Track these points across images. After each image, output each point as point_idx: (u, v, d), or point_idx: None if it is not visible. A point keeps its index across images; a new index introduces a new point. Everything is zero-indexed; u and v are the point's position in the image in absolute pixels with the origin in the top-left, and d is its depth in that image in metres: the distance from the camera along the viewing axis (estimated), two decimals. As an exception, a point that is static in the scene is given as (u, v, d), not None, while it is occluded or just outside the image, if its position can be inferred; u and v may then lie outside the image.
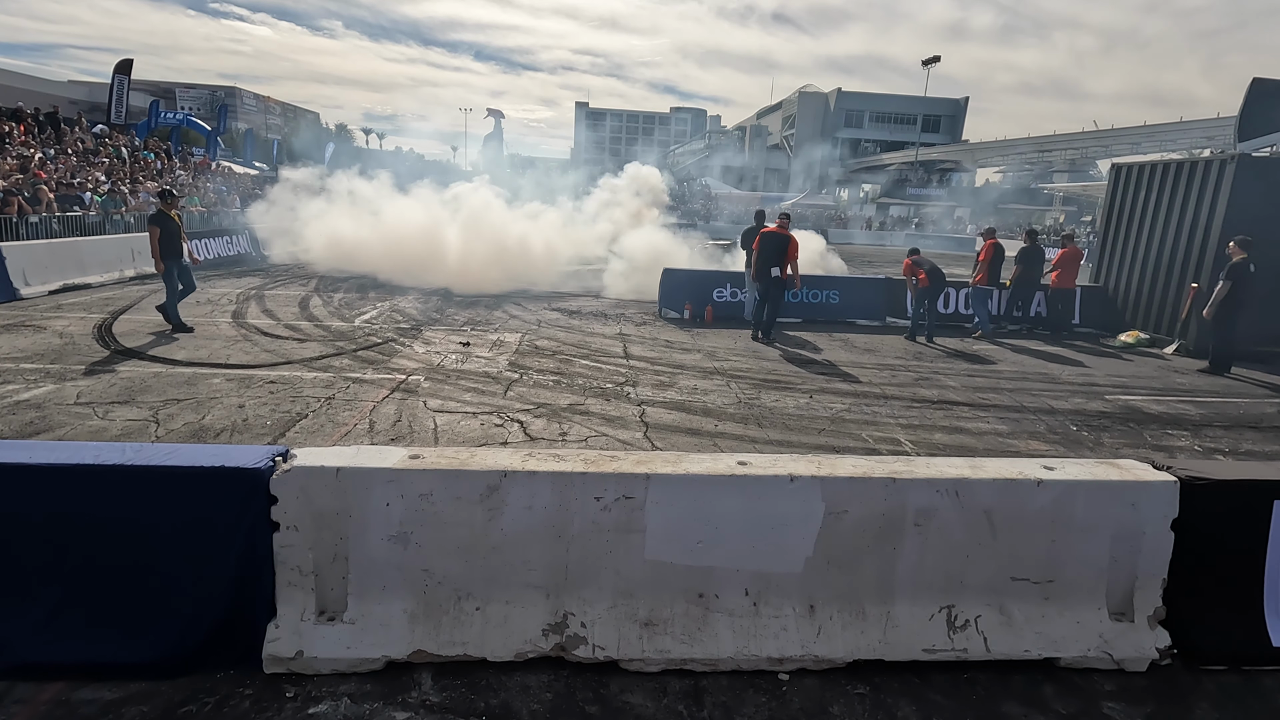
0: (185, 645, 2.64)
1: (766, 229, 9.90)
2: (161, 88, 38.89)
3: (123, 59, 23.96)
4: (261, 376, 6.79)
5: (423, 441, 5.32)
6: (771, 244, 9.62)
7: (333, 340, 8.52)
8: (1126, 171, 11.71)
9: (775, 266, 9.53)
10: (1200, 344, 9.57)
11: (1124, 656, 2.93)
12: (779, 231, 9.71)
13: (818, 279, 12.07)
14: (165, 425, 5.38)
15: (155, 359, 7.25)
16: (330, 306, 10.82)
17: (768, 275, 9.61)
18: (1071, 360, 9.50)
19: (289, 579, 2.72)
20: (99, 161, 18.86)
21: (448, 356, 7.96)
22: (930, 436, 6.02)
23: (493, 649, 2.76)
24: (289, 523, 2.67)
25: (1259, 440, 6.36)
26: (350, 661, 2.70)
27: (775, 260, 9.54)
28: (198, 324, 9.05)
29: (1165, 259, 10.64)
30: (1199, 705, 2.78)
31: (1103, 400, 7.45)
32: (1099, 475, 2.96)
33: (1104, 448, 5.94)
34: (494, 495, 2.74)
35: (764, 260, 9.61)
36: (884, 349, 9.68)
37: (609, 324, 10.51)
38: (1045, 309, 11.84)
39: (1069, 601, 2.97)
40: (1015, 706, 2.72)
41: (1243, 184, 9.49)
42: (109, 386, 6.26)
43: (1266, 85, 10.31)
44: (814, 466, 2.90)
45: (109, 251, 12.69)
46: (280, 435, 5.28)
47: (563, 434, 5.63)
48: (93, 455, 2.66)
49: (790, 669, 2.82)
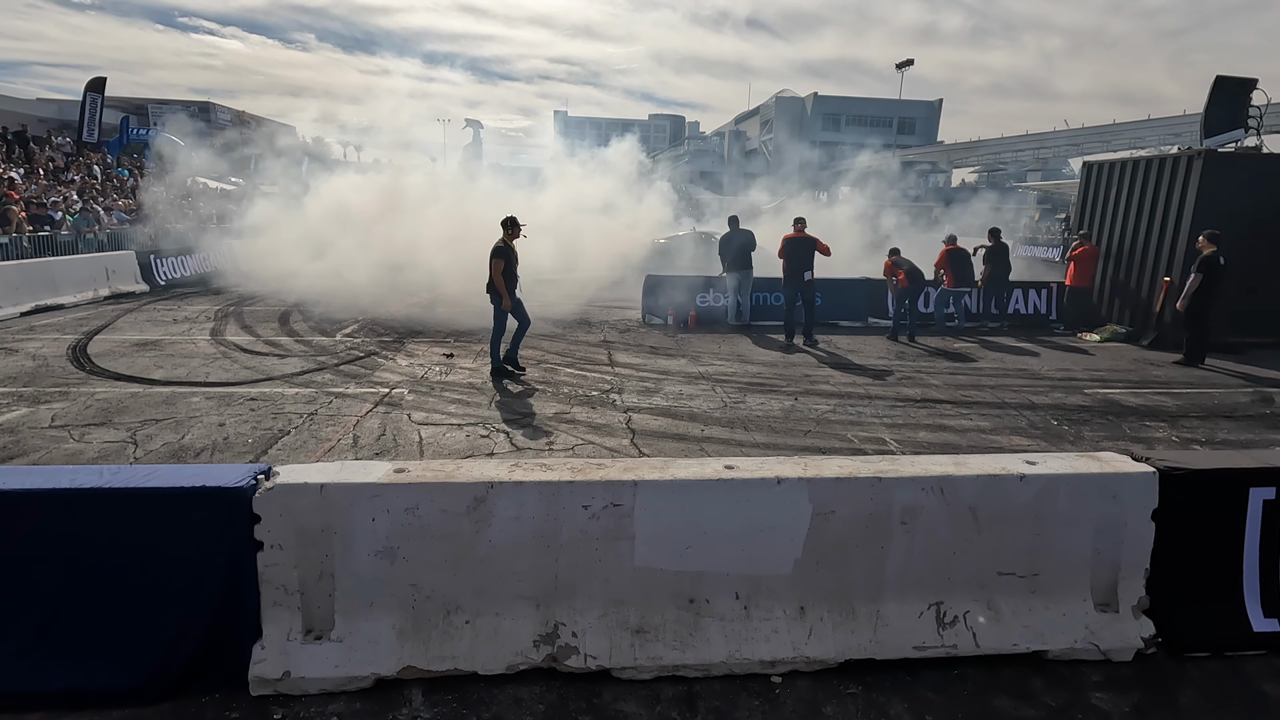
0: (169, 669, 2.59)
1: (790, 235, 10.12)
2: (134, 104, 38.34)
3: (95, 77, 23.60)
4: (242, 394, 6.70)
5: (408, 455, 5.27)
6: (799, 248, 9.91)
7: (314, 355, 8.44)
8: (1098, 169, 11.93)
9: (807, 270, 9.88)
10: (1174, 336, 9.76)
11: (1110, 647, 2.96)
12: (802, 236, 9.99)
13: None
14: (144, 446, 5.29)
15: (132, 379, 7.14)
16: (311, 321, 10.71)
17: (800, 279, 9.90)
18: (1050, 356, 9.64)
19: (274, 598, 2.68)
20: (70, 180, 18.56)
21: (431, 369, 7.91)
22: (915, 435, 6.08)
23: (484, 662, 2.73)
24: (273, 541, 2.64)
25: (1234, 429, 6.48)
26: (339, 680, 2.66)
27: (807, 264, 9.89)
28: (174, 342, 8.93)
29: (1138, 254, 10.85)
30: (1184, 692, 2.82)
31: (1082, 394, 7.56)
32: (1080, 468, 3.01)
33: (1084, 441, 6.03)
34: (481, 507, 2.72)
35: (795, 265, 9.89)
36: (867, 349, 9.76)
37: (593, 331, 10.50)
38: (1048, 308, 12.19)
39: (1055, 594, 3.01)
40: (1005, 700, 2.74)
41: (1210, 179, 9.71)
42: (85, 408, 6.15)
43: (1229, 83, 10.55)
44: (800, 468, 2.91)
45: (82, 271, 12.49)
46: (262, 453, 5.21)
47: (549, 443, 5.61)
48: (69, 479, 2.61)
49: (783, 671, 2.82)
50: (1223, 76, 10.57)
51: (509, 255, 7.45)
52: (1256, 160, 10.21)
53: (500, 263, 7.36)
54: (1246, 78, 10.58)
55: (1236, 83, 10.55)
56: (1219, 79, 10.55)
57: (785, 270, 10.03)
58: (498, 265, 7.35)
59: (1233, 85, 10.52)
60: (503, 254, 7.39)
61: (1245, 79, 10.59)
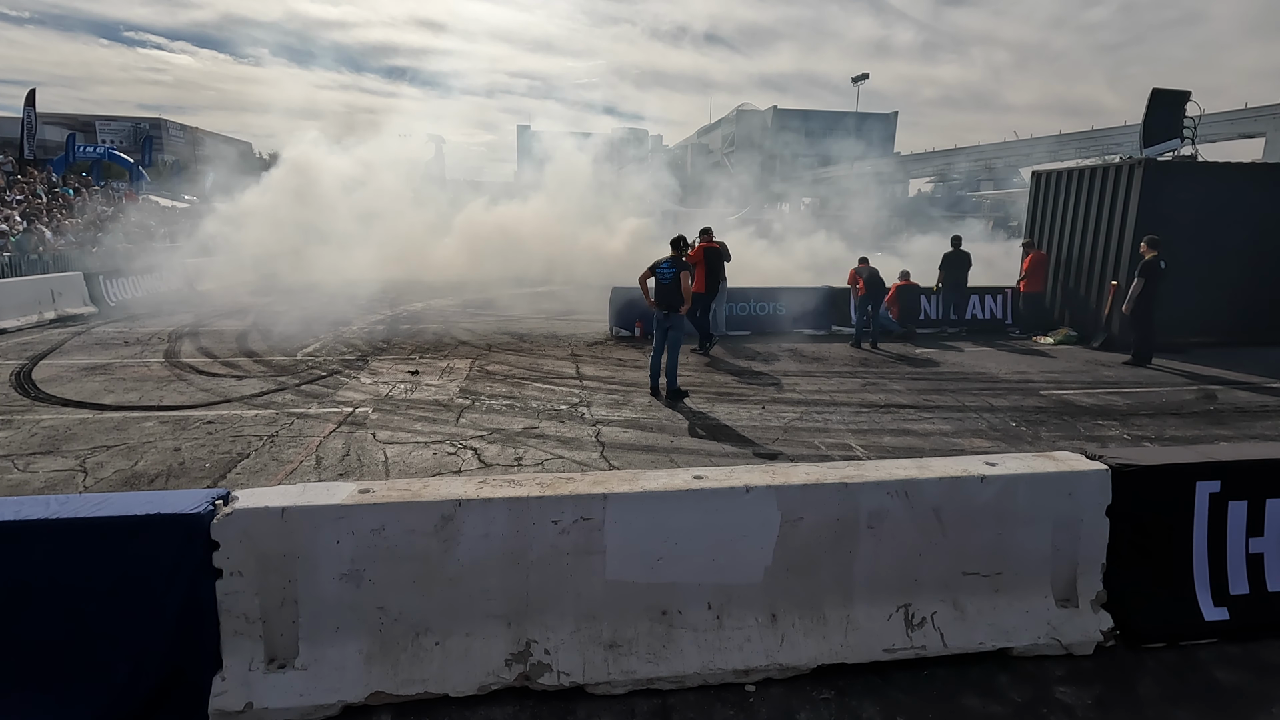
0: (123, 707, 2.49)
1: (705, 245, 10.19)
2: (80, 120, 37.19)
3: (29, 90, 22.88)
4: (198, 417, 6.51)
5: (373, 475, 5.17)
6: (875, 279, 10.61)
7: (274, 375, 8.24)
8: (1046, 178, 12.38)
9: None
10: (1123, 338, 10.14)
11: (1071, 641, 3.05)
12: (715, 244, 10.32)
13: (763, 291, 12.31)
14: (94, 474, 5.09)
15: (81, 404, 6.87)
16: (270, 340, 10.46)
17: None
18: (1007, 359, 9.92)
19: (235, 627, 2.60)
20: (14, 200, 17.89)
21: (396, 386, 7.78)
22: (880, 440, 6.18)
23: (454, 684, 2.69)
24: (232, 568, 2.56)
25: (1180, 426, 6.75)
26: (304, 710, 2.58)
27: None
28: (126, 365, 8.63)
29: (1086, 259, 11.27)
30: (1143, 683, 2.91)
31: (1038, 396, 7.79)
32: (1037, 468, 3.10)
33: (1042, 441, 6.21)
34: (449, 525, 2.68)
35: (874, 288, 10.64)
36: (831, 357, 9.91)
37: (560, 345, 10.47)
38: (1004, 313, 12.52)
39: (1018, 591, 3.08)
40: (974, 698, 2.79)
41: (1150, 186, 10.16)
42: (30, 436, 5.90)
43: (1165, 95, 11.07)
44: (769, 476, 2.94)
45: (26, 294, 12.01)
46: (221, 477, 5.05)
47: (518, 459, 5.56)
48: (13, 511, 2.50)
49: (756, 680, 2.83)
50: (1159, 89, 11.08)
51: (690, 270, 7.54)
52: (1193, 168, 10.72)
53: (688, 275, 7.35)
54: (1181, 90, 11.11)
55: (1172, 95, 11.06)
56: (1155, 91, 11.06)
57: (707, 280, 10.22)
58: (686, 278, 7.29)
59: (1169, 98, 11.03)
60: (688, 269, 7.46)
61: (1180, 91, 11.12)
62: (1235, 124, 28.19)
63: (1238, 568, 3.24)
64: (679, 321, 7.33)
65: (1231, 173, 10.81)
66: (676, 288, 7.21)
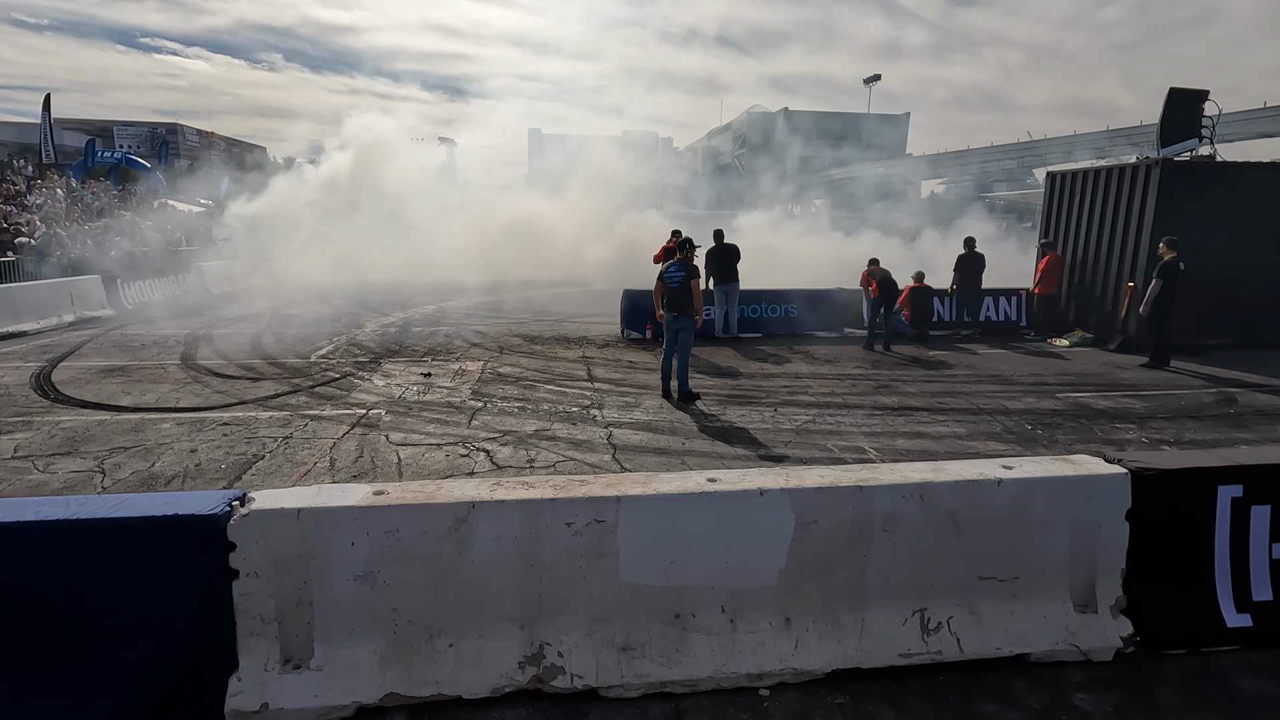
0: (140, 707, 2.51)
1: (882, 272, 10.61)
2: (98, 126, 37.74)
3: (45, 96, 23.23)
4: (214, 419, 6.57)
5: (386, 477, 5.20)
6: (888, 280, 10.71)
7: (288, 377, 8.30)
8: (1061, 178, 12.25)
9: None
10: (1140, 340, 10.02)
11: (1090, 647, 3.00)
12: None
13: (775, 293, 12.27)
14: (112, 475, 5.15)
15: (99, 406, 6.96)
16: (284, 343, 10.55)
17: None
18: (1021, 362, 9.83)
19: (250, 628, 2.62)
20: (34, 204, 18.16)
21: (409, 388, 7.82)
22: (893, 443, 6.14)
23: (468, 686, 2.69)
24: (249, 569, 2.58)
25: (1200, 429, 6.65)
26: (318, 710, 2.60)
27: None
28: (143, 368, 8.73)
29: (1102, 261, 11.15)
30: (1163, 690, 2.86)
31: (1054, 398, 7.71)
32: (1055, 471, 3.06)
33: (1058, 444, 6.14)
34: (462, 527, 2.69)
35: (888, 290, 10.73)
36: (843, 359, 9.86)
37: (571, 348, 10.48)
38: (1018, 315, 12.41)
39: (1035, 597, 3.05)
40: (990, 704, 2.76)
41: (1168, 187, 10.04)
42: (49, 438, 5.98)
43: (1182, 94, 10.93)
44: (782, 479, 2.92)
45: (45, 297, 12.18)
46: (236, 479, 5.10)
47: (530, 461, 5.57)
48: (33, 511, 2.53)
49: (770, 684, 2.82)
50: (1176, 88, 10.94)
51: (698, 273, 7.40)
52: (1211, 168, 10.58)
53: (698, 281, 7.22)
54: (1199, 89, 10.97)
55: (1189, 94, 10.92)
56: (1173, 91, 10.92)
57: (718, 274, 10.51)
58: (697, 284, 7.19)
59: (1186, 97, 10.89)
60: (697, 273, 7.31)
61: (1198, 90, 10.97)
62: (1254, 123, 27.80)
63: (1261, 573, 3.18)
64: (689, 324, 7.29)
65: (1250, 172, 10.66)
66: (686, 292, 7.18)
